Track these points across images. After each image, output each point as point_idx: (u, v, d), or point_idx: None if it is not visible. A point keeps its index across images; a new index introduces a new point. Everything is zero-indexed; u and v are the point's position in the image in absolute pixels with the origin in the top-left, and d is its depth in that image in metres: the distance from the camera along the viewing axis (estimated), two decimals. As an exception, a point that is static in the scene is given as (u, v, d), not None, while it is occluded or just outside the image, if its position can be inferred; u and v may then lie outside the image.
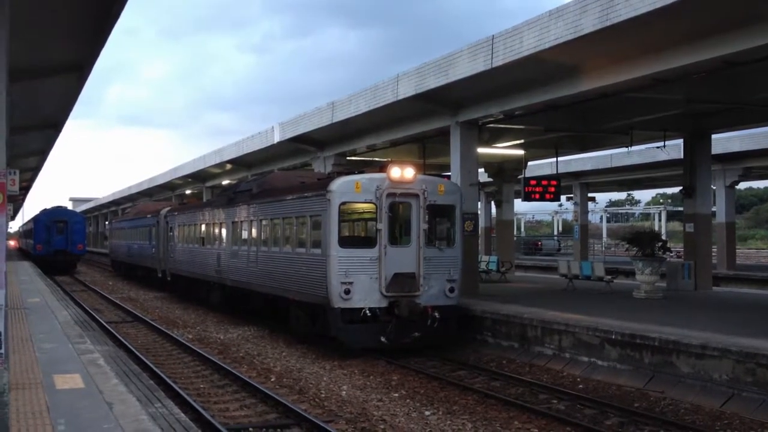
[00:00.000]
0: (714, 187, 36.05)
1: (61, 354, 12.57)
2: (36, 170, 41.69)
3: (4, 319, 9.40)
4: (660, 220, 76.63)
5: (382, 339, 16.14)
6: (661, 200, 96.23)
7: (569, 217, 71.30)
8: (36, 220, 49.72)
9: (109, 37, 13.59)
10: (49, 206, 51.51)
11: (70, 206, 73.10)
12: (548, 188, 26.36)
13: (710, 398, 12.07)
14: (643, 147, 31.47)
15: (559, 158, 30.02)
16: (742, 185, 63.33)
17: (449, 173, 22.62)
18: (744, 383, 11.81)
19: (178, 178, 51.98)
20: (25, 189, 50.83)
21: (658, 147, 26.24)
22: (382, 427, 11.00)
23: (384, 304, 16.31)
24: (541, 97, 18.96)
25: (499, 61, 17.38)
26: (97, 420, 8.16)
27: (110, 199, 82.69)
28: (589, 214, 55.56)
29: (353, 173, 17.52)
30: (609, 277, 24.00)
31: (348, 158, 30.34)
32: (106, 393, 9.54)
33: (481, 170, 28.38)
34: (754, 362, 11.69)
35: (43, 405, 8.79)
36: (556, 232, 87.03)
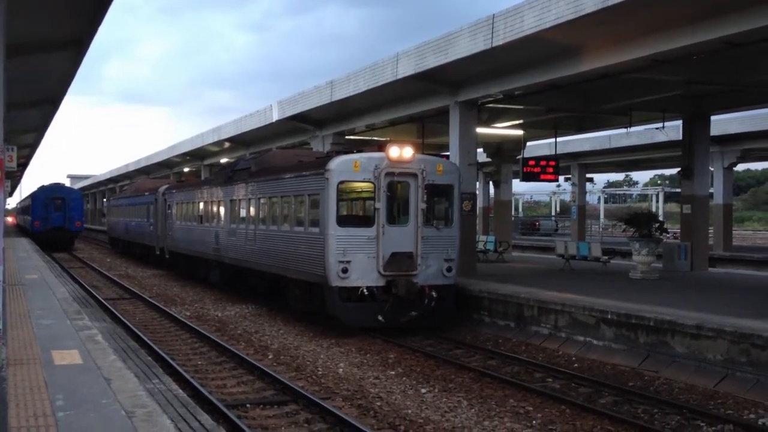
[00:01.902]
0: (712, 169, 36.04)
1: (59, 330, 12.62)
2: (34, 147, 41.58)
3: (2, 295, 9.44)
4: (657, 201, 76.61)
5: (380, 318, 16.20)
6: (659, 181, 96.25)
7: (567, 197, 71.28)
8: (34, 197, 49.66)
9: (107, 12, 13.51)
10: (46, 183, 51.46)
11: (67, 183, 73.05)
12: (546, 169, 26.33)
13: (704, 378, 12.16)
14: (641, 128, 31.45)
15: (558, 139, 29.98)
16: (740, 167, 63.35)
17: (448, 153, 22.59)
18: (738, 363, 11.90)
19: (177, 156, 51.88)
20: (23, 165, 50.70)
21: (656, 128, 26.23)
22: (378, 404, 11.08)
23: (381, 283, 16.36)
24: (542, 77, 18.91)
25: (499, 41, 17.30)
26: (95, 395, 8.21)
27: (108, 176, 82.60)
28: (587, 195, 55.54)
29: (352, 152, 17.51)
30: (606, 257, 24.08)
31: (347, 137, 30.27)
32: (104, 369, 9.59)
33: (479, 150, 28.35)
34: (748, 342, 11.77)
35: (41, 380, 8.83)
36: (553, 213, 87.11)
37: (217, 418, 9.70)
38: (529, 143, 31.81)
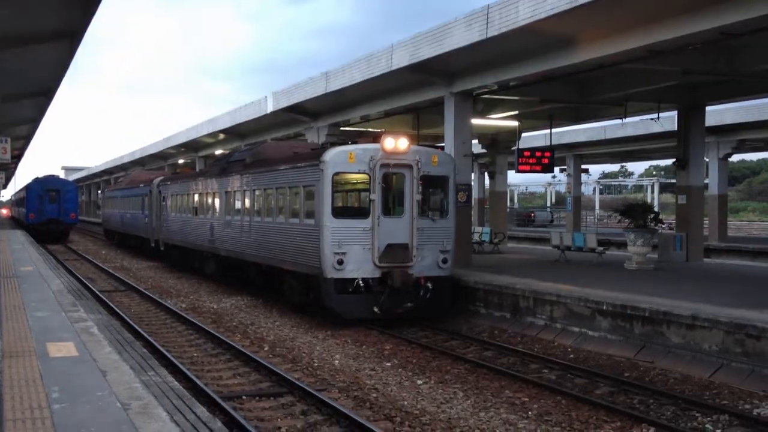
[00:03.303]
0: (707, 159, 36.10)
1: (54, 322, 12.58)
2: (28, 138, 41.44)
3: (-4, 288, 9.40)
4: (652, 192, 76.76)
5: (375, 309, 16.21)
6: (654, 172, 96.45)
7: (562, 188, 71.29)
8: (28, 188, 49.51)
9: (101, 3, 13.44)
10: (41, 175, 51.33)
11: (62, 175, 72.76)
12: (542, 160, 26.34)
13: (699, 368, 12.19)
14: (637, 119, 31.42)
15: (553, 130, 29.94)
16: (735, 157, 63.40)
17: (443, 144, 22.58)
18: (733, 354, 11.93)
19: (171, 148, 51.75)
20: (17, 157, 50.55)
21: (652, 119, 26.22)
22: (374, 395, 11.08)
23: (377, 274, 16.35)
24: (537, 67, 18.87)
25: (494, 32, 17.25)
26: (90, 387, 8.19)
27: (103, 168, 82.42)
28: (582, 186, 55.61)
29: (347, 144, 17.46)
30: (601, 248, 24.09)
31: (341, 128, 30.22)
32: (100, 361, 9.57)
33: (474, 141, 28.31)
34: (743, 333, 11.80)
35: (37, 373, 8.81)
36: (549, 204, 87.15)
37: (213, 410, 9.71)
38: (524, 134, 31.79)
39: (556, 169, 48.51)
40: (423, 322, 16.76)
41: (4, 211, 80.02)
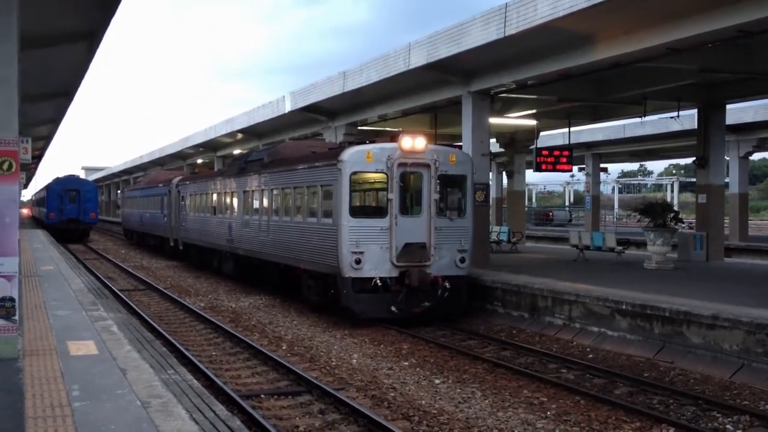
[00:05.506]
0: (727, 158, 35.78)
1: (75, 321, 12.69)
2: (48, 139, 41.74)
3: (18, 287, 9.50)
4: (672, 191, 76.25)
5: (393, 309, 16.20)
6: (673, 171, 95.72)
7: (581, 187, 70.94)
8: (48, 188, 49.92)
9: (119, 5, 13.52)
10: (61, 175, 51.72)
11: (82, 175, 73.32)
12: (560, 159, 26.25)
13: (720, 369, 12.09)
14: (656, 117, 31.21)
15: (572, 129, 29.82)
16: (756, 156, 62.72)
17: (461, 143, 22.53)
18: (754, 354, 11.82)
19: (189, 148, 52.01)
20: (38, 157, 50.93)
21: (671, 117, 26.04)
22: (392, 395, 11.08)
23: (395, 273, 16.35)
24: (555, 66, 18.79)
25: (512, 30, 17.20)
26: (110, 386, 8.26)
27: (122, 168, 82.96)
28: (601, 185, 55.30)
29: (364, 143, 17.48)
30: (620, 247, 23.95)
31: (359, 128, 30.23)
32: (120, 359, 9.65)
33: (492, 140, 28.25)
34: (764, 333, 11.69)
35: (57, 371, 8.89)
36: (567, 203, 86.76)
37: (231, 408, 9.74)
38: (543, 133, 31.67)
39: (575, 168, 48.35)
40: (440, 322, 16.74)
41: (25, 211, 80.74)
